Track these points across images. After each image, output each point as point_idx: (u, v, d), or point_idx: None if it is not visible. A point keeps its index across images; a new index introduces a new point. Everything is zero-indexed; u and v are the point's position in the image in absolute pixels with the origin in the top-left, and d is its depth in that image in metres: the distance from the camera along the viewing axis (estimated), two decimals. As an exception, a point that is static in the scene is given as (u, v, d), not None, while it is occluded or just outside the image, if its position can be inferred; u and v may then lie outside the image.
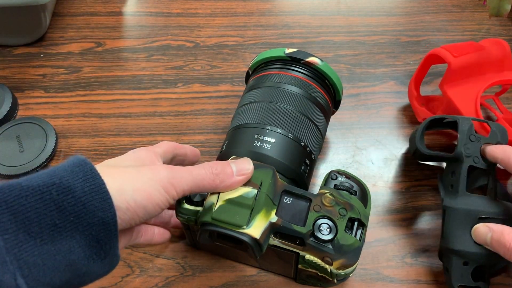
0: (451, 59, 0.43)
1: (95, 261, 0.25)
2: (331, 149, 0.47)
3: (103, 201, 0.25)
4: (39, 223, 0.23)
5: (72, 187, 0.24)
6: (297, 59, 0.41)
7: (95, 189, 0.25)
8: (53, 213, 0.23)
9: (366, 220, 0.32)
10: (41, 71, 0.53)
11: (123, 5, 0.60)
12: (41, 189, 0.23)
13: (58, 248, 0.24)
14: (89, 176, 0.25)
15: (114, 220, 0.25)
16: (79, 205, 0.24)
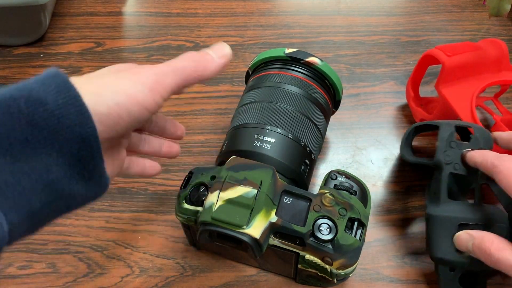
0: (444, 58, 0.43)
1: (79, 181, 0.23)
2: (331, 149, 0.47)
3: (80, 115, 0.22)
4: (7, 138, 0.21)
5: (43, 99, 0.21)
6: (297, 59, 0.41)
7: (70, 101, 0.22)
8: (23, 127, 0.21)
9: (366, 220, 0.32)
10: (41, 71, 0.52)
11: (123, 5, 0.60)
12: (7, 101, 0.21)
13: (33, 166, 0.21)
14: (62, 88, 0.22)
15: (95, 135, 0.23)
16: (53, 119, 0.21)
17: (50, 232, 0.40)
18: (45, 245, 0.40)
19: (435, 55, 0.43)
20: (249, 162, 0.33)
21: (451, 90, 0.43)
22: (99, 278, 0.38)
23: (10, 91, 0.22)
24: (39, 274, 0.38)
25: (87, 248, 0.40)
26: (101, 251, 0.39)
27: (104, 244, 0.40)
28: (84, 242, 0.40)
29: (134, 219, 0.41)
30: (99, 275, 0.38)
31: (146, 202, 0.42)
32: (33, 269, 0.38)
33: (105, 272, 0.38)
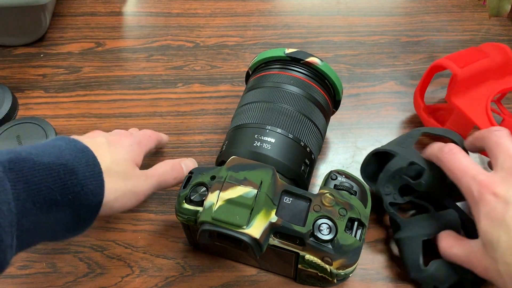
0: (457, 70, 0.42)
1: (71, 233, 0.29)
2: (331, 149, 0.47)
3: (98, 188, 0.29)
4: (45, 196, 0.26)
5: (76, 170, 0.28)
6: (297, 59, 0.41)
7: (94, 175, 0.29)
8: (58, 188, 0.26)
9: (366, 220, 0.32)
10: (41, 71, 0.53)
11: (123, 5, 0.60)
12: (50, 166, 0.27)
13: (49, 219, 0.27)
14: (91, 163, 0.29)
15: (99, 206, 0.29)
16: (79, 186, 0.27)
17: (50, 232, 0.40)
18: (45, 245, 0.40)
19: (447, 66, 0.43)
20: (249, 162, 0.33)
21: (464, 100, 0.43)
22: (99, 278, 0.38)
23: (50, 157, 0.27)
24: (39, 274, 0.38)
25: (87, 248, 0.40)
26: (101, 251, 0.39)
27: (104, 244, 0.40)
28: (84, 242, 0.40)
29: (134, 219, 0.41)
30: (99, 275, 0.38)
31: (146, 202, 0.42)
32: (33, 269, 0.38)
33: (105, 272, 0.38)
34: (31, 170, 0.26)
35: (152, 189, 0.35)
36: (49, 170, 0.26)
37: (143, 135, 0.39)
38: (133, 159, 0.35)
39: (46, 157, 0.27)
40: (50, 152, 0.28)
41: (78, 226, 0.29)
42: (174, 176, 0.37)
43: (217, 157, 0.39)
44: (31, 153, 0.27)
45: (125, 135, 0.37)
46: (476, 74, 0.43)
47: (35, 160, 0.26)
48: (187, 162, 0.39)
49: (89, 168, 0.28)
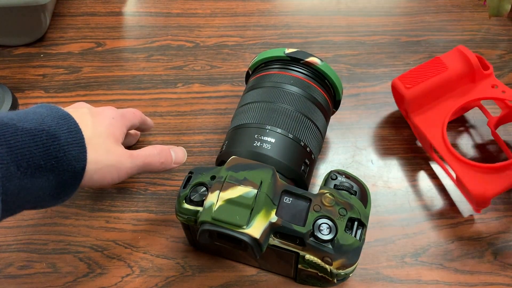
0: (404, 91, 0.43)
1: (54, 199, 0.30)
2: (331, 149, 0.47)
3: (80, 153, 0.29)
4: (27, 160, 0.26)
5: (58, 136, 0.28)
6: (297, 59, 0.41)
7: (76, 141, 0.29)
8: (41, 154, 0.27)
9: (366, 220, 0.32)
10: (41, 71, 0.53)
11: (123, 5, 0.60)
12: (33, 131, 0.27)
13: (34, 184, 0.27)
14: (73, 130, 0.29)
15: (82, 172, 0.30)
16: (62, 151, 0.28)
17: (50, 232, 0.40)
18: (45, 245, 0.40)
19: (396, 86, 0.44)
20: (249, 162, 0.33)
21: (421, 118, 0.43)
22: (99, 278, 0.38)
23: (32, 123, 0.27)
24: (39, 274, 0.38)
25: (87, 248, 0.40)
26: (101, 251, 0.39)
27: (104, 244, 0.40)
28: (84, 242, 0.40)
29: (134, 219, 0.41)
30: (99, 275, 0.38)
31: (146, 202, 0.42)
32: (33, 269, 0.38)
33: (105, 272, 0.38)
34: (14, 135, 0.26)
35: (136, 169, 0.35)
36: (32, 135, 0.27)
37: (127, 110, 0.39)
38: (114, 133, 0.34)
39: (28, 123, 0.27)
40: (32, 118, 0.28)
41: (62, 192, 0.29)
42: (161, 160, 0.37)
43: (217, 157, 0.39)
44: (13, 118, 0.27)
45: (108, 107, 0.37)
46: (428, 91, 0.43)
47: (17, 126, 0.26)
48: (176, 149, 0.39)
49: (71, 134, 0.29)
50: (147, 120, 0.43)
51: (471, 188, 0.38)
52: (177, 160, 0.39)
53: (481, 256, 0.39)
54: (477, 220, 0.42)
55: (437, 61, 0.44)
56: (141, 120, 0.41)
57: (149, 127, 0.44)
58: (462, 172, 0.39)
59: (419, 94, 0.43)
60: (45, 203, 0.30)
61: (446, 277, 0.38)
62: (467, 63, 0.43)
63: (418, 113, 0.44)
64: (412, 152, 0.46)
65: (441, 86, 0.43)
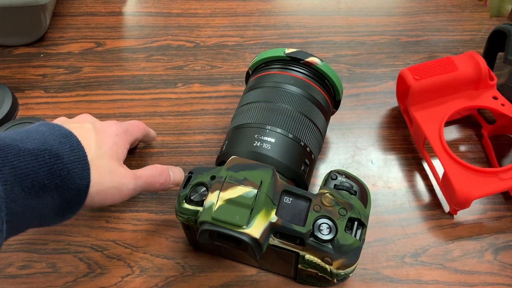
0: (411, 81, 0.43)
1: (59, 217, 0.30)
2: (331, 149, 0.47)
3: (83, 171, 0.29)
4: (32, 180, 0.26)
5: (61, 155, 0.28)
6: (297, 59, 0.41)
7: (79, 159, 0.29)
8: (45, 173, 0.27)
9: (366, 220, 0.32)
10: (41, 71, 0.53)
11: (123, 5, 0.60)
12: (36, 152, 0.27)
13: (39, 203, 0.27)
14: (75, 148, 0.29)
15: (87, 190, 0.30)
16: (65, 170, 0.28)
17: (50, 232, 0.40)
18: (45, 245, 0.40)
19: (404, 76, 0.44)
20: (249, 162, 0.33)
21: (422, 112, 0.44)
22: (99, 278, 0.38)
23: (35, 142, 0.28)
24: (39, 274, 0.38)
25: (87, 248, 0.40)
26: (101, 251, 0.39)
27: (104, 244, 0.40)
28: (84, 242, 0.40)
29: (134, 219, 0.41)
30: (99, 275, 0.38)
31: (146, 202, 0.42)
32: (33, 269, 0.38)
33: (105, 272, 0.38)
34: (17, 156, 0.26)
35: (138, 190, 0.35)
36: (35, 155, 0.27)
37: (130, 123, 0.39)
38: (117, 153, 0.34)
39: (31, 143, 0.27)
40: (34, 138, 0.28)
41: (67, 210, 0.29)
42: (161, 181, 0.37)
43: (217, 157, 0.39)
44: (15, 139, 0.27)
45: (112, 123, 0.37)
46: (435, 87, 0.43)
47: (20, 146, 0.27)
48: (174, 170, 0.39)
49: (73, 152, 0.29)
50: (150, 132, 0.43)
51: (457, 187, 0.39)
52: (175, 181, 0.39)
53: (481, 256, 0.39)
54: (477, 220, 0.42)
55: (448, 60, 0.45)
56: (144, 133, 0.41)
57: (152, 139, 0.44)
58: (451, 169, 0.40)
59: (425, 88, 0.43)
60: (50, 221, 0.30)
61: (446, 277, 0.38)
62: (477, 69, 0.44)
63: (419, 107, 0.44)
64: (412, 152, 0.46)
65: (447, 86, 0.44)
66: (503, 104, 0.44)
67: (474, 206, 0.42)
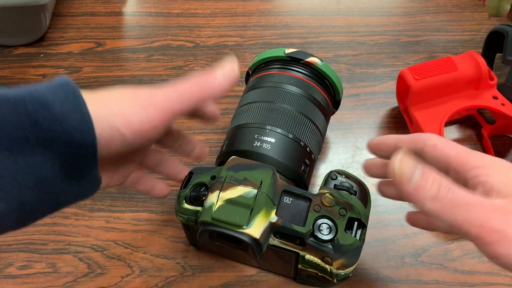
0: (411, 81, 0.43)
1: (70, 182, 0.24)
2: (331, 149, 0.47)
3: (83, 123, 0.23)
4: (9, 135, 0.22)
5: (50, 103, 0.23)
6: (297, 59, 0.41)
7: (75, 108, 0.23)
8: (26, 126, 0.22)
9: (366, 220, 0.32)
10: (41, 71, 0.53)
11: (123, 5, 0.60)
12: (16, 100, 0.22)
13: (28, 162, 0.23)
14: (70, 96, 0.24)
15: (93, 144, 0.24)
16: (55, 122, 0.23)
17: (50, 232, 0.40)
18: (45, 245, 0.40)
19: (404, 76, 0.44)
20: (249, 162, 0.33)
21: (422, 112, 0.44)
22: (99, 278, 0.38)
23: (20, 92, 0.23)
24: (39, 274, 0.38)
25: (87, 248, 0.40)
26: (101, 251, 0.39)
27: (104, 244, 0.40)
28: (84, 242, 0.40)
29: (134, 219, 0.41)
30: (99, 275, 0.38)
31: (146, 202, 0.42)
32: (33, 269, 0.38)
33: (105, 272, 0.38)
34: None
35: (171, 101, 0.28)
36: (14, 105, 0.22)
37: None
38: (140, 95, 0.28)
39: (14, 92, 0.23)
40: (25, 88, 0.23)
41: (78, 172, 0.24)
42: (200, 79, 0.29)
43: (217, 157, 0.39)
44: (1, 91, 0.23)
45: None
46: (435, 87, 0.43)
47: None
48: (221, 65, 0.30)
49: (67, 101, 0.23)
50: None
51: None
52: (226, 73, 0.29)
53: (481, 256, 0.39)
54: (477, 220, 0.42)
55: (448, 60, 0.45)
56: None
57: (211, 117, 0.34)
58: None
59: (425, 88, 0.43)
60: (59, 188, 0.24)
61: (446, 277, 0.38)
62: (477, 69, 0.44)
63: (419, 107, 0.44)
64: (412, 152, 0.46)
65: (447, 86, 0.44)
66: (503, 104, 0.44)
67: (474, 206, 0.42)
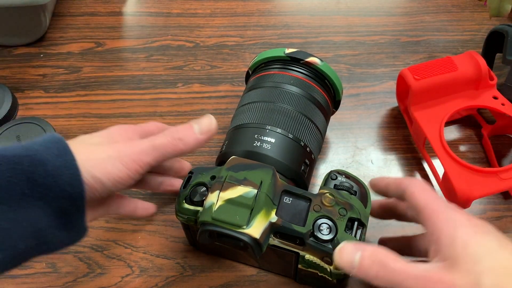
0: (411, 81, 0.43)
1: (61, 230, 0.27)
2: (331, 149, 0.47)
3: (73, 177, 0.26)
4: (8, 191, 0.24)
5: (44, 161, 0.25)
6: (297, 59, 0.41)
7: (66, 164, 0.26)
8: (23, 182, 0.25)
9: (366, 220, 0.32)
10: (41, 71, 0.53)
11: (123, 5, 0.60)
12: (14, 159, 0.25)
13: (25, 215, 0.25)
14: (62, 152, 0.26)
15: (82, 196, 0.27)
16: (49, 178, 0.25)
17: (50, 232, 0.40)
18: (45, 245, 0.40)
19: (405, 76, 0.44)
20: (249, 162, 0.33)
21: (422, 112, 0.44)
22: (99, 278, 0.38)
23: (17, 150, 0.26)
24: (39, 274, 0.38)
25: (87, 248, 0.40)
26: (101, 251, 0.39)
27: (104, 244, 0.40)
28: (84, 242, 0.40)
29: (134, 219, 0.41)
30: (99, 275, 0.38)
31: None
32: (33, 269, 0.38)
33: (105, 272, 0.38)
34: None
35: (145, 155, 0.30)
36: (12, 163, 0.25)
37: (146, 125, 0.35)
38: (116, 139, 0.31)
39: (11, 151, 0.25)
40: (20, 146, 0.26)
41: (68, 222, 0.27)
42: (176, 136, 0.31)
43: (217, 157, 0.39)
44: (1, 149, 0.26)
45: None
46: (435, 87, 0.43)
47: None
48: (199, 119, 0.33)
49: (60, 158, 0.26)
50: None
51: (457, 187, 0.39)
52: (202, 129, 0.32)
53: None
54: (477, 220, 0.42)
55: (448, 60, 0.45)
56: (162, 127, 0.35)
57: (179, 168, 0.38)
58: (451, 169, 0.40)
59: (425, 88, 0.43)
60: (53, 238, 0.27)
61: (446, 277, 0.38)
62: (477, 69, 0.44)
63: (419, 107, 0.44)
64: (412, 152, 0.46)
65: (447, 86, 0.44)
66: (503, 104, 0.44)
67: (474, 206, 0.42)
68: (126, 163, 0.29)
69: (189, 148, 0.32)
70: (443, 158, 0.41)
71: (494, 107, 0.44)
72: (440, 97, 0.44)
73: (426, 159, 0.45)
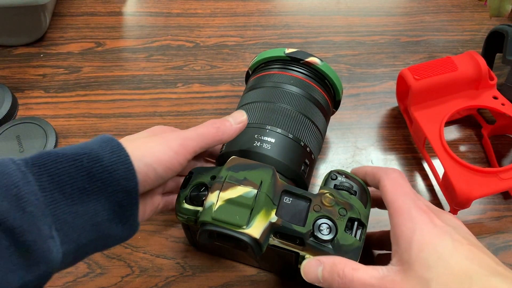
0: (411, 81, 0.43)
1: (117, 225, 0.28)
2: (331, 149, 0.47)
3: (127, 171, 0.28)
4: (71, 186, 0.26)
5: (100, 157, 0.27)
6: (297, 59, 0.41)
7: (121, 160, 0.28)
8: (84, 178, 0.27)
9: (366, 220, 0.32)
10: (41, 71, 0.53)
11: (123, 5, 0.60)
12: (73, 156, 0.27)
13: (86, 209, 0.27)
14: (116, 149, 0.28)
15: (136, 189, 0.28)
16: (106, 173, 0.27)
17: (50, 232, 0.40)
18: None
19: (405, 76, 0.44)
20: (249, 162, 0.33)
21: (422, 112, 0.44)
22: (99, 278, 0.38)
23: (74, 149, 0.28)
24: (39, 274, 0.38)
25: (87, 248, 0.40)
26: (101, 251, 0.39)
27: (104, 244, 0.40)
28: (84, 242, 0.40)
29: (134, 219, 0.41)
30: (99, 275, 0.38)
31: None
32: (33, 269, 0.38)
33: (105, 272, 0.38)
34: (54, 163, 0.26)
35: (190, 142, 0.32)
36: (72, 160, 0.27)
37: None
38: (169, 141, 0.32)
39: (70, 149, 0.28)
40: (77, 146, 0.28)
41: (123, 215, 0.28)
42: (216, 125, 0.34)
43: (217, 157, 0.39)
44: (57, 149, 0.28)
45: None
46: (435, 87, 0.43)
47: (58, 153, 0.27)
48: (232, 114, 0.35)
49: (114, 154, 0.28)
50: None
51: (457, 187, 0.39)
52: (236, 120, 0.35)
53: (481, 256, 0.39)
54: (477, 220, 0.42)
55: (448, 60, 0.45)
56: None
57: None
58: (451, 169, 0.40)
59: (425, 88, 0.43)
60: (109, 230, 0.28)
61: (446, 277, 0.38)
62: (477, 69, 0.44)
63: (419, 107, 0.44)
64: (412, 152, 0.46)
65: (447, 86, 0.44)
66: (503, 104, 0.44)
67: (474, 206, 0.42)
68: (175, 148, 0.31)
69: (226, 136, 0.34)
70: (443, 158, 0.41)
71: (494, 107, 0.44)
72: (440, 97, 0.44)
73: (426, 159, 0.45)
